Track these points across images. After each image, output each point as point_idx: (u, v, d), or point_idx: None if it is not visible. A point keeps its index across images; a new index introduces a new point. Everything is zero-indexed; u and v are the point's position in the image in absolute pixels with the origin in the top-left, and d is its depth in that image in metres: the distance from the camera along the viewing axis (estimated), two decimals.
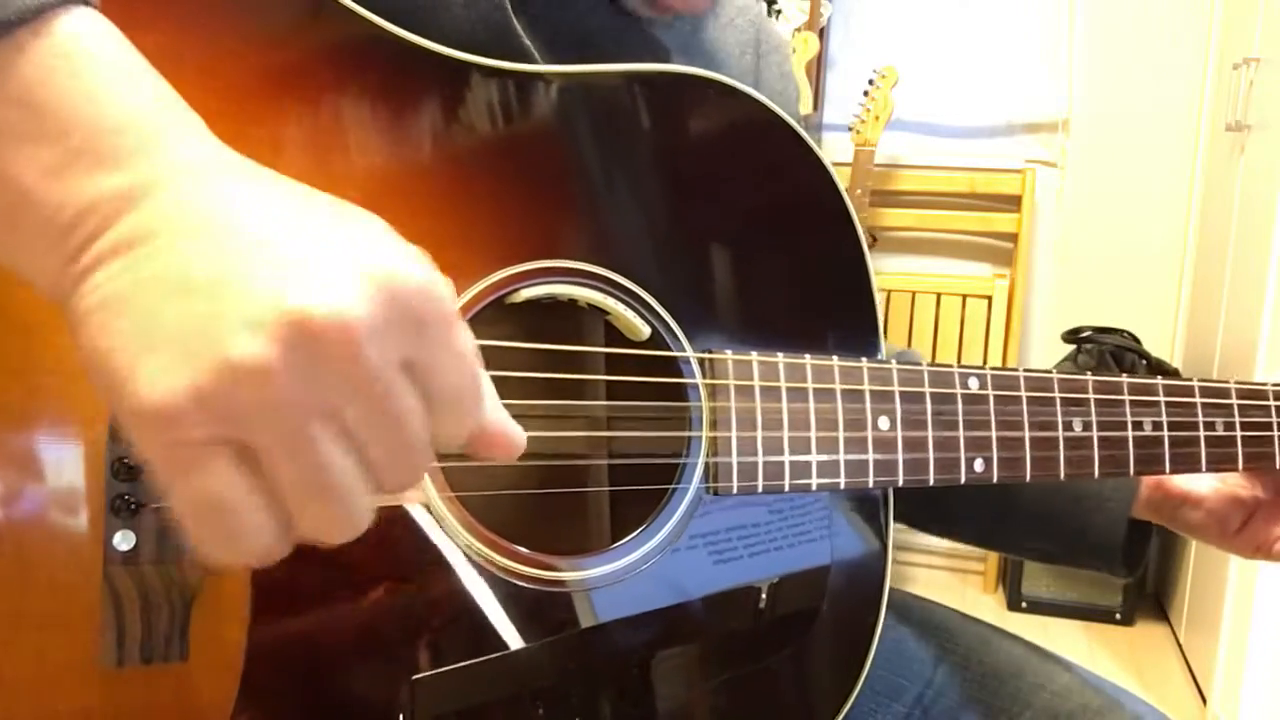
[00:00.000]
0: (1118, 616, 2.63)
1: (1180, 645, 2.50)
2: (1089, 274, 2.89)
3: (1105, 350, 2.66)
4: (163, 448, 0.34)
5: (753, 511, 0.63)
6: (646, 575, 0.59)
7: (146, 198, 0.36)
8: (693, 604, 0.61)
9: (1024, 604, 2.68)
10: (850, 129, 2.70)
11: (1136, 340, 2.71)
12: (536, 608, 0.56)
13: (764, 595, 0.63)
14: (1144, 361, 2.65)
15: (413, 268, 0.36)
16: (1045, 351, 2.89)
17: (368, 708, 0.52)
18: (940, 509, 0.85)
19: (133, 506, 0.47)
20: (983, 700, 0.80)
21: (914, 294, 2.83)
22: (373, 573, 0.52)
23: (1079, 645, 2.52)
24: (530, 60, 0.60)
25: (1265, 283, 1.97)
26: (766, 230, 0.65)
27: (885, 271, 2.91)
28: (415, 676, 0.52)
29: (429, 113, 0.54)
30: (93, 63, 0.37)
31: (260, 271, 0.34)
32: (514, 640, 0.55)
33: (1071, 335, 2.75)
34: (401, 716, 0.52)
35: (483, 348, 0.43)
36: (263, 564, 0.36)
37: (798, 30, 2.83)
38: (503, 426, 0.40)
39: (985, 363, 2.74)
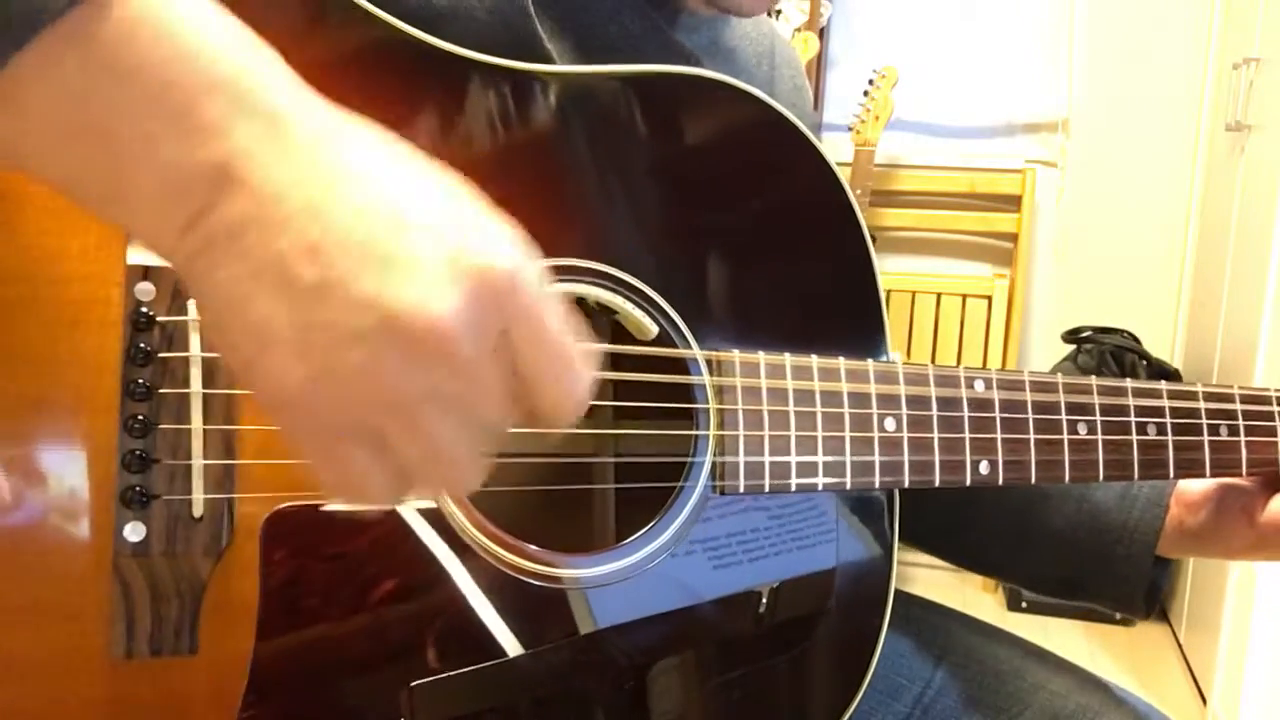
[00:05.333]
0: (1118, 617, 2.64)
1: (1180, 645, 2.50)
2: (1089, 274, 2.89)
3: (1105, 350, 2.66)
4: (293, 431, 0.39)
5: (756, 516, 0.63)
6: (652, 578, 0.59)
7: (243, 178, 0.37)
8: (697, 608, 0.61)
9: (1024, 604, 2.68)
10: (850, 129, 2.70)
11: (1136, 340, 2.71)
12: (540, 605, 0.56)
13: (764, 600, 0.63)
14: (1144, 361, 2.65)
15: (504, 257, 0.38)
16: (1045, 351, 2.89)
17: (376, 702, 0.52)
18: (962, 537, 0.85)
19: (143, 498, 0.47)
20: (983, 700, 0.80)
21: (914, 294, 2.83)
22: (380, 567, 0.52)
23: (1079, 645, 2.52)
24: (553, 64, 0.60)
25: (1265, 283, 1.97)
26: (774, 232, 0.65)
27: (885, 271, 2.88)
28: (414, 683, 0.52)
29: (439, 111, 0.54)
30: (177, 23, 0.37)
31: (357, 277, 0.36)
32: (515, 638, 0.55)
33: (1071, 335, 2.75)
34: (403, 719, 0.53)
35: None
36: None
37: (798, 30, 2.83)
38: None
39: (985, 362, 2.74)
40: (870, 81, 2.74)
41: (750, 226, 0.64)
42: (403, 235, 0.37)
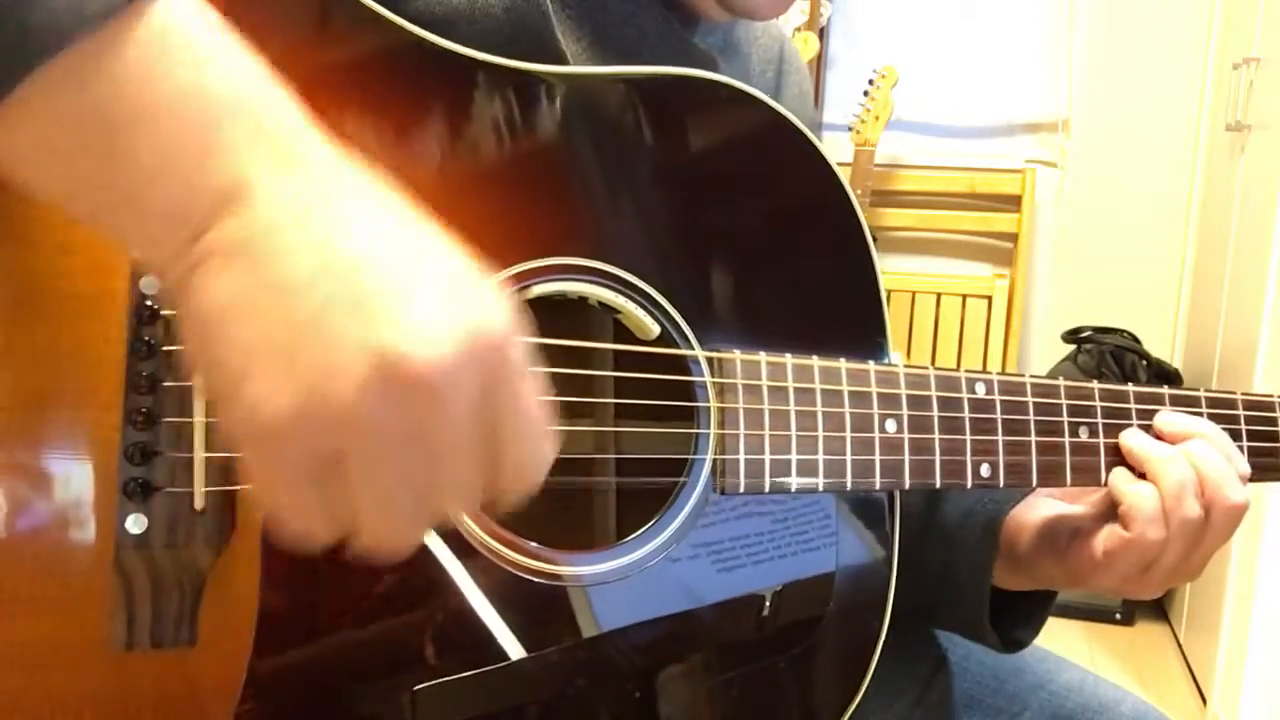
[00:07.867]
0: (1118, 616, 2.64)
1: (1180, 645, 2.51)
2: (1089, 274, 2.89)
3: (1105, 350, 2.66)
4: (257, 458, 0.39)
5: (757, 521, 0.63)
6: (655, 580, 0.59)
7: (250, 200, 0.37)
8: (697, 611, 0.61)
9: None
10: (850, 129, 2.71)
11: (1136, 340, 2.71)
12: (542, 603, 0.56)
13: (768, 603, 0.63)
14: (1144, 361, 2.66)
15: (497, 320, 0.39)
16: (1045, 351, 2.89)
17: (378, 699, 0.53)
18: None
19: (146, 490, 0.47)
20: (983, 700, 0.81)
21: (914, 294, 2.83)
22: (380, 561, 0.52)
23: (1079, 645, 2.52)
24: (564, 65, 0.60)
25: (1265, 283, 1.97)
26: (777, 233, 0.65)
27: (885, 271, 2.85)
28: (417, 687, 0.52)
29: (446, 111, 0.55)
30: (191, 55, 0.38)
31: (357, 315, 0.37)
32: (515, 637, 0.55)
33: (1071, 335, 2.75)
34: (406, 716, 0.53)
35: None
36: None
37: (798, 30, 2.83)
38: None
39: (985, 362, 2.74)
40: (870, 81, 2.74)
41: (753, 228, 0.64)
42: (406, 281, 0.38)
